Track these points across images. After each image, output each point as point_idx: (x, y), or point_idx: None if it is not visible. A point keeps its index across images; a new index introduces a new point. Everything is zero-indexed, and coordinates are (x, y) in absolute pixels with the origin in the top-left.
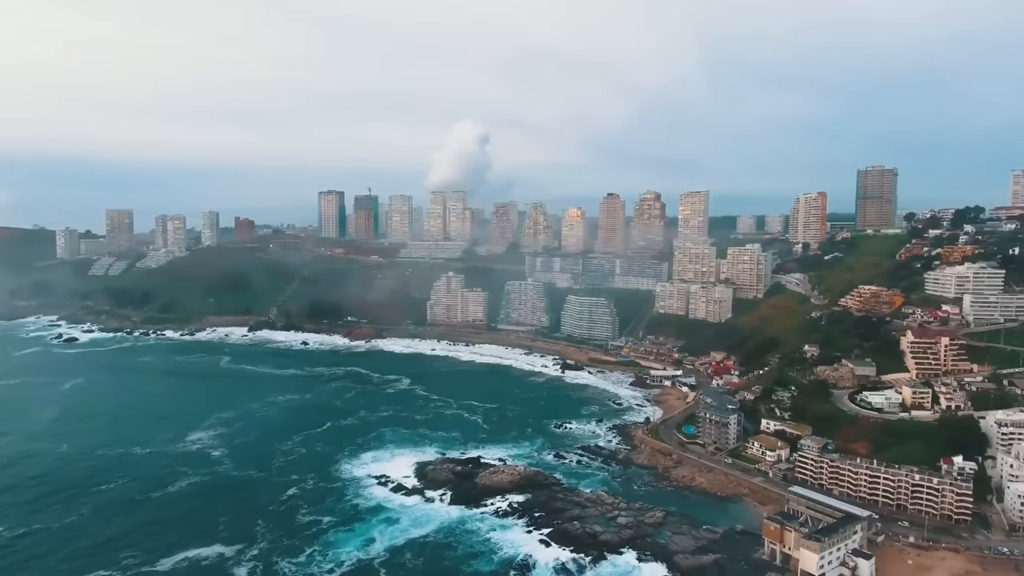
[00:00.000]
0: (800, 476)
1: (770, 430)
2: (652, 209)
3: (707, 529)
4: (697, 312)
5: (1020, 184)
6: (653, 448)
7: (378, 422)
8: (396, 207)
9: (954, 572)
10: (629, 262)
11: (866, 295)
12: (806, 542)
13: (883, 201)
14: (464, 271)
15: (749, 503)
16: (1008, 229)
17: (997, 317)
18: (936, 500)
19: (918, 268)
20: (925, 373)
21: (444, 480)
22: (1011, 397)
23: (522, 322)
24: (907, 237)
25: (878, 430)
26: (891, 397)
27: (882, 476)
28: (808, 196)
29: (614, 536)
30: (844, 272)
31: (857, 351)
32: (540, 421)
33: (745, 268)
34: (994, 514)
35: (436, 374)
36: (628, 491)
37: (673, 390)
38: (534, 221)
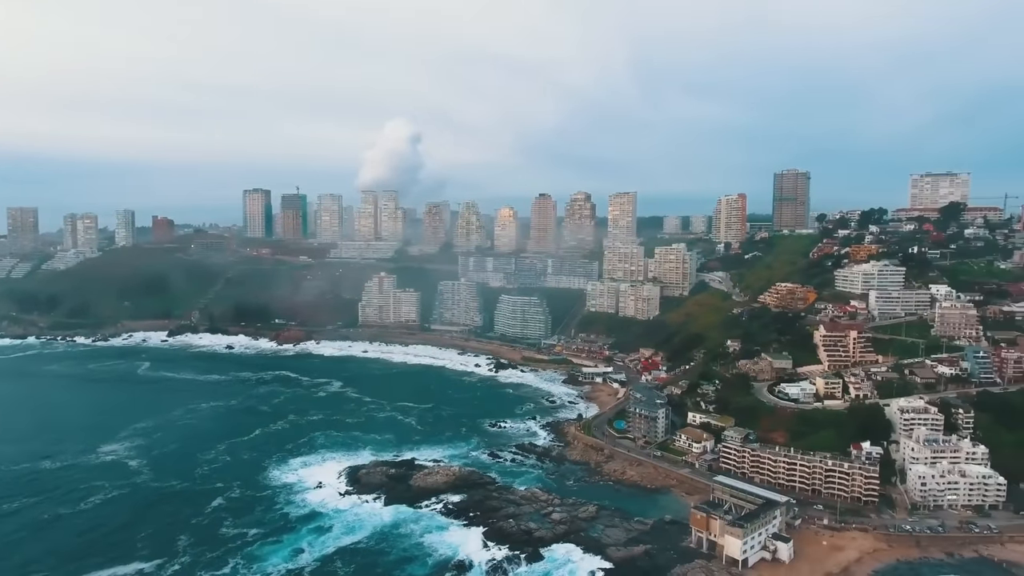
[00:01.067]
0: (724, 466)
1: (696, 423)
2: (583, 209)
3: (638, 521)
4: (627, 310)
5: (918, 187)
6: (585, 444)
7: (309, 426)
8: (326, 206)
9: (863, 550)
10: (561, 261)
11: (783, 292)
12: (730, 528)
13: (797, 203)
14: (396, 271)
15: (677, 494)
16: (908, 229)
17: (899, 311)
18: (847, 484)
19: (829, 266)
20: (836, 365)
21: (378, 483)
22: (912, 385)
23: (455, 322)
24: (819, 237)
25: (795, 419)
26: (806, 388)
27: (799, 463)
28: (729, 198)
29: (548, 532)
30: (763, 270)
31: (775, 345)
32: (475, 421)
33: (672, 267)
34: (898, 495)
35: (368, 376)
36: (562, 487)
37: (604, 386)
38: (467, 221)
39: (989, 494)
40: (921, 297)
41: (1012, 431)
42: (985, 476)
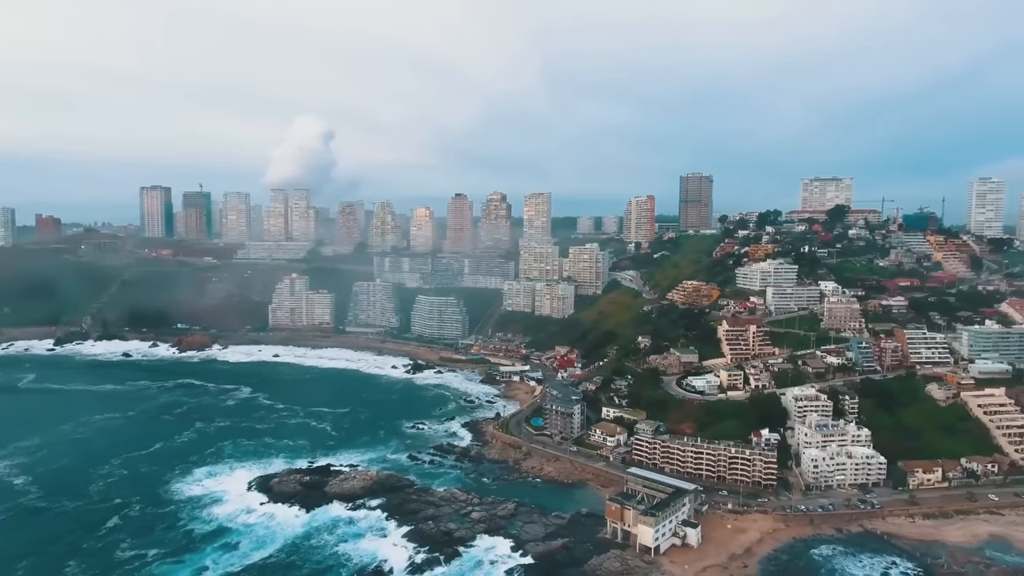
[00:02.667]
0: (637, 458)
1: (610, 417)
2: (498, 210)
3: (556, 515)
4: (542, 309)
5: (808, 191)
6: (504, 442)
7: (216, 435)
8: (232, 205)
9: (764, 531)
10: (477, 261)
11: (689, 289)
12: (642, 518)
13: (701, 205)
14: (309, 272)
15: (593, 487)
16: (799, 230)
17: (792, 306)
18: (749, 469)
19: (731, 264)
20: (738, 357)
21: (291, 492)
22: (804, 375)
23: (371, 324)
24: (721, 237)
25: (701, 410)
26: (711, 380)
27: (705, 452)
28: (639, 199)
29: (468, 532)
30: (671, 269)
31: (683, 340)
32: (393, 423)
33: (585, 266)
34: (793, 477)
35: (280, 381)
36: (481, 486)
37: (521, 385)
38: (382, 221)
39: (872, 473)
40: (812, 293)
41: (891, 414)
42: (868, 457)
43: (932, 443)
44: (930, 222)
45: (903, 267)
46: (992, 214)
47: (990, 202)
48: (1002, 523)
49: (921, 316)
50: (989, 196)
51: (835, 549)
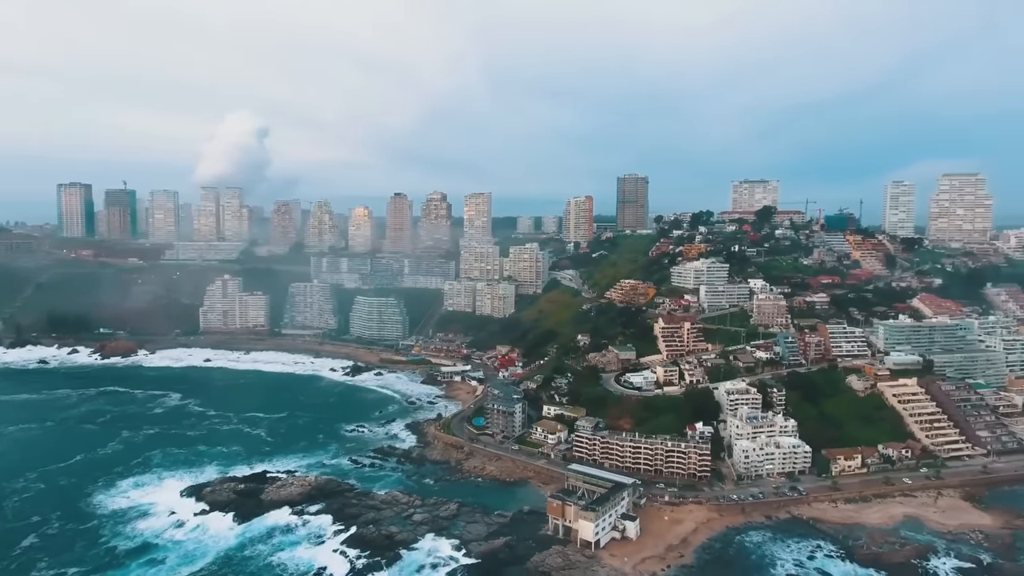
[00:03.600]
0: (577, 454)
1: (551, 415)
2: (439, 209)
3: (498, 514)
4: (483, 308)
5: (738, 192)
6: (446, 443)
7: (144, 444)
8: (159, 203)
9: (699, 521)
10: (418, 261)
11: (627, 288)
12: (583, 513)
13: (638, 205)
14: (242, 273)
15: (535, 485)
16: (730, 230)
17: (724, 303)
18: (684, 462)
19: (666, 263)
20: (673, 354)
21: (224, 501)
22: (736, 369)
23: (309, 325)
24: (657, 237)
25: (639, 406)
26: (648, 376)
27: (643, 446)
28: (577, 200)
29: (410, 534)
30: (609, 268)
31: (621, 338)
32: (332, 427)
33: (526, 266)
34: (726, 468)
35: (212, 387)
36: (423, 488)
37: (463, 385)
38: (319, 220)
39: (798, 461)
40: (742, 290)
41: (815, 405)
42: (795, 446)
43: (852, 432)
44: (849, 223)
45: (825, 265)
46: (904, 215)
47: (902, 204)
48: (915, 504)
49: (842, 312)
50: (901, 198)
51: (765, 535)
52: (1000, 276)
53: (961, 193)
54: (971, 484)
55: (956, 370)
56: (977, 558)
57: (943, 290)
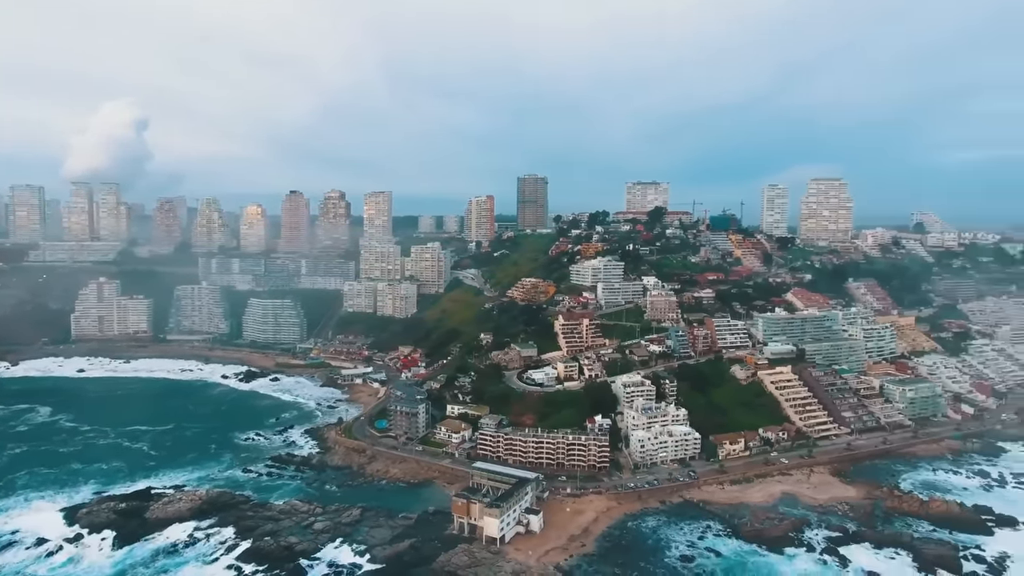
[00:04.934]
0: (482, 452)
1: (455, 414)
2: (337, 208)
3: (403, 517)
4: (385, 309)
5: (631, 193)
6: (347, 447)
7: (7, 465)
8: (21, 199)
9: (599, 510)
10: (315, 262)
11: (528, 286)
12: (488, 510)
13: (537, 205)
14: (120, 276)
15: (440, 485)
16: (625, 230)
17: (620, 300)
18: (585, 454)
19: (565, 262)
20: (573, 350)
21: (103, 523)
22: (631, 363)
23: (197, 330)
24: (556, 236)
25: (541, 402)
26: (549, 373)
27: (545, 441)
28: (479, 199)
29: (311, 544)
30: (510, 267)
31: (522, 336)
32: (224, 436)
33: (427, 265)
34: (624, 458)
35: (87, 399)
36: (324, 495)
37: (365, 387)
38: (207, 219)
39: (689, 448)
40: (636, 287)
41: (703, 394)
42: (686, 434)
43: (737, 418)
44: (731, 223)
45: (711, 263)
46: (779, 216)
47: (777, 206)
48: (791, 482)
49: (726, 306)
50: (776, 200)
51: (660, 520)
52: (860, 272)
53: (827, 196)
54: (838, 461)
55: (824, 357)
56: (844, 527)
57: (812, 285)
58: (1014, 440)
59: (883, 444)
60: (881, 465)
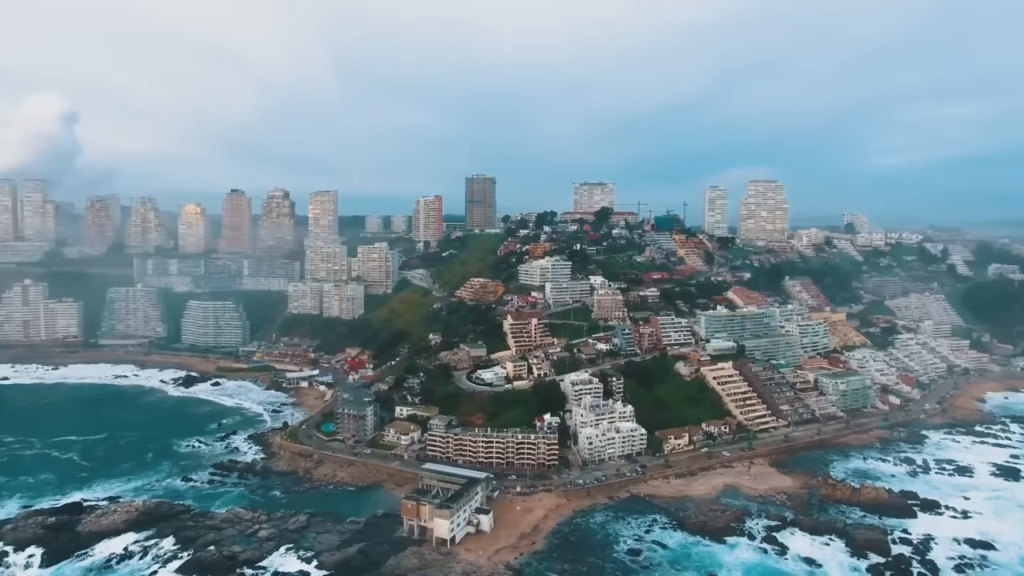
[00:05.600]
0: (432, 453)
1: (403, 416)
2: (281, 207)
3: (351, 521)
4: (331, 310)
5: (579, 194)
6: (293, 452)
7: None
8: None
9: (549, 508)
10: (259, 262)
11: (476, 286)
12: (438, 511)
13: (486, 205)
14: (47, 277)
15: (389, 488)
16: (572, 230)
17: (568, 299)
18: (534, 453)
19: (514, 262)
20: (522, 349)
21: (29, 539)
22: (579, 361)
23: (132, 334)
24: (504, 236)
25: (490, 402)
26: (498, 372)
27: (495, 441)
28: (427, 199)
29: (256, 552)
30: (458, 267)
31: (471, 335)
32: (163, 444)
33: (375, 266)
34: (572, 455)
35: (11, 408)
36: (269, 501)
37: (311, 390)
38: (143, 218)
39: (636, 444)
40: (583, 287)
41: (649, 391)
42: (633, 430)
43: (681, 413)
44: (675, 223)
45: (655, 262)
46: (720, 216)
47: (718, 207)
48: (732, 474)
49: (670, 304)
50: (717, 202)
51: (608, 515)
52: (795, 270)
53: (764, 198)
54: (776, 452)
55: (763, 353)
56: (782, 516)
57: (752, 283)
58: (936, 428)
59: (818, 435)
60: (816, 455)
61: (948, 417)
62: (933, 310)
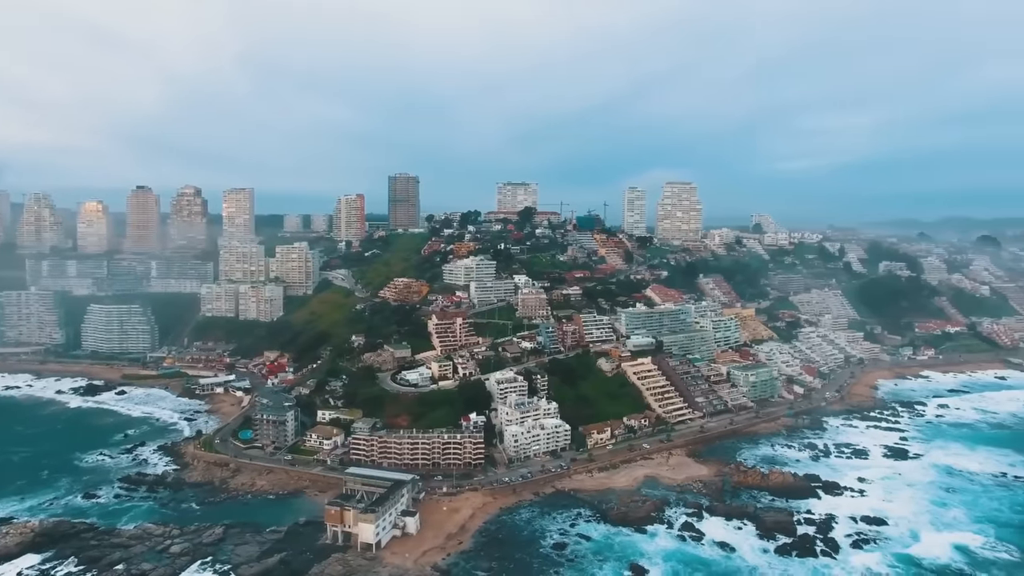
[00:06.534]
0: (356, 457)
1: (326, 420)
2: (192, 205)
3: (271, 531)
4: (248, 312)
5: (502, 194)
6: (208, 462)
7: None
8: None
9: (475, 507)
10: (168, 263)
11: (400, 286)
12: (362, 516)
13: (409, 204)
14: None
15: (311, 494)
16: (496, 229)
17: (492, 299)
18: (460, 452)
19: (438, 261)
20: (447, 349)
21: None
22: (504, 360)
23: (26, 342)
24: (429, 235)
25: (415, 402)
26: (424, 373)
27: (420, 442)
28: (348, 198)
29: (168, 569)
30: (382, 267)
31: (396, 336)
32: (62, 459)
33: (294, 266)
34: (498, 453)
35: None
36: (182, 515)
37: (227, 396)
38: (36, 216)
39: (560, 440)
40: (508, 286)
41: (572, 387)
42: (557, 426)
43: (603, 408)
44: (596, 223)
45: (578, 261)
46: (638, 216)
47: (636, 207)
48: (652, 466)
49: (592, 302)
50: (635, 202)
51: (534, 511)
52: (709, 268)
53: (680, 199)
54: (693, 443)
55: (679, 348)
56: (699, 503)
57: (668, 281)
58: (835, 415)
59: (730, 425)
60: (729, 444)
61: (846, 404)
62: (832, 305)
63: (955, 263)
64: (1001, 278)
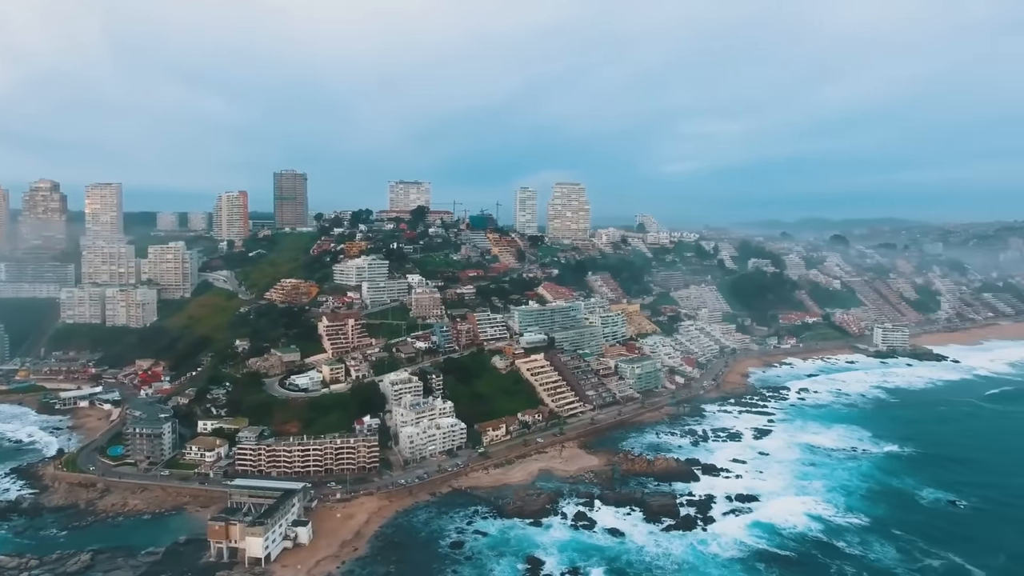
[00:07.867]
0: (242, 468)
1: (208, 430)
2: (49, 202)
3: (147, 553)
4: (117, 318)
5: (395, 192)
6: (71, 483)
7: None
8: None
9: (371, 511)
10: (20, 265)
11: (288, 288)
12: (250, 530)
13: (297, 202)
14: None
15: (192, 510)
16: (389, 228)
17: (385, 299)
18: (354, 457)
19: (328, 261)
20: (339, 351)
21: None
22: (399, 361)
23: None
24: (318, 234)
25: (306, 408)
26: (314, 377)
27: (311, 448)
28: (230, 195)
29: None
30: (267, 267)
31: (284, 340)
32: None
33: (170, 267)
34: (393, 456)
35: None
36: (41, 543)
37: (92, 410)
38: None
39: (456, 439)
40: (401, 285)
41: (468, 386)
42: (453, 425)
43: (498, 405)
44: (489, 222)
45: (471, 260)
46: (530, 216)
47: (528, 207)
48: (546, 459)
49: (486, 301)
50: (527, 202)
51: (431, 512)
52: (597, 266)
53: (569, 199)
54: (584, 435)
55: (570, 344)
56: (590, 493)
57: (559, 279)
58: (712, 402)
59: (619, 416)
60: (617, 434)
61: (721, 392)
62: (707, 299)
63: (812, 260)
64: (850, 273)
